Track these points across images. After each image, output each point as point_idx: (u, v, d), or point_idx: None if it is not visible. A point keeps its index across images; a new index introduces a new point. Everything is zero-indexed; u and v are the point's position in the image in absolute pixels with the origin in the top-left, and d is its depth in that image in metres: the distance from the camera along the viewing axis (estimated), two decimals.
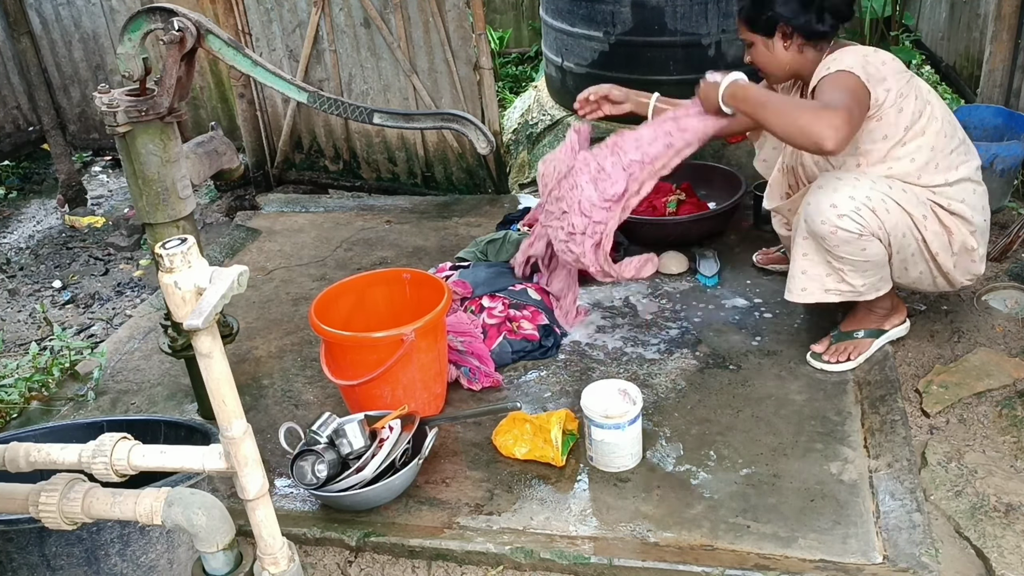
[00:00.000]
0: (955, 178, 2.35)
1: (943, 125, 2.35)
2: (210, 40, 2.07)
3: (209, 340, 1.37)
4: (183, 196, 2.20)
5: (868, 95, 2.24)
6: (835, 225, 2.26)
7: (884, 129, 2.31)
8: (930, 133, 2.32)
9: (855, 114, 2.16)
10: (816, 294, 2.42)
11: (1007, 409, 2.31)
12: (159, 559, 1.81)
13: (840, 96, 2.19)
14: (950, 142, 2.36)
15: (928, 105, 2.34)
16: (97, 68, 4.64)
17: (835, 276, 2.38)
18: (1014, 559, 1.89)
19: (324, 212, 3.94)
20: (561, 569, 1.99)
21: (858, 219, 2.25)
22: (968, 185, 2.38)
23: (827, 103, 2.17)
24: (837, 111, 2.12)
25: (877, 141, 2.32)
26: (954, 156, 2.37)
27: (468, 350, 2.63)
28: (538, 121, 4.32)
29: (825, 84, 2.26)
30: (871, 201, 2.25)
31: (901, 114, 2.30)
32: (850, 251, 2.30)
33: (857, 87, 2.22)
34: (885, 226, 2.27)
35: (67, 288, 3.91)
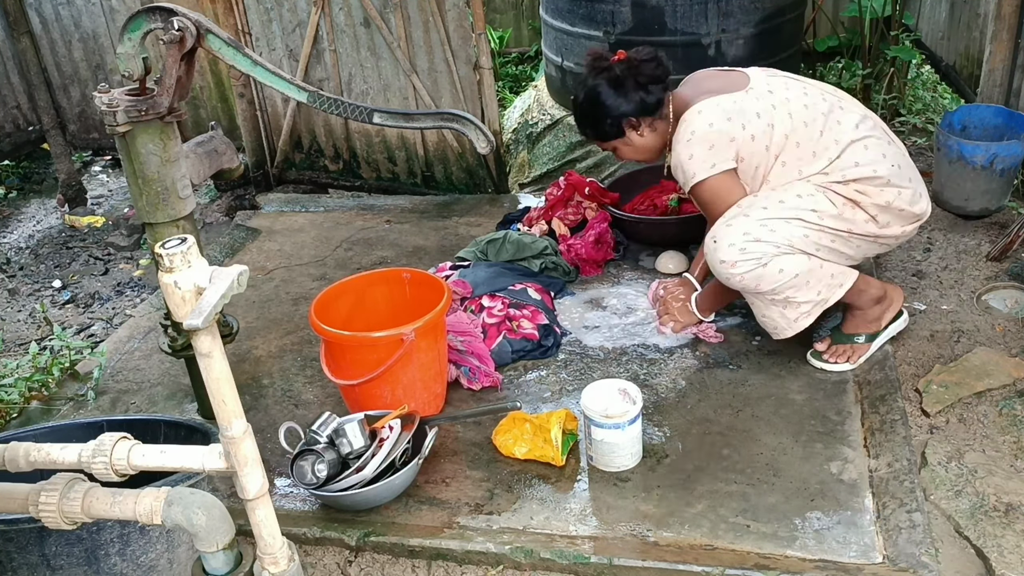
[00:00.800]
0: (838, 151, 2.38)
1: (796, 120, 2.40)
2: (210, 40, 2.07)
3: (209, 340, 1.37)
4: (183, 196, 2.20)
5: (724, 177, 2.41)
6: (739, 275, 2.35)
7: (753, 162, 2.42)
8: (791, 133, 2.38)
9: (727, 208, 2.40)
10: (788, 329, 2.48)
11: (1007, 409, 2.31)
12: (159, 559, 1.81)
13: (716, 219, 2.42)
14: (815, 126, 2.39)
15: (772, 111, 2.40)
16: (97, 68, 4.64)
17: (790, 307, 2.43)
18: (1014, 559, 1.89)
19: (324, 212, 3.94)
20: (561, 569, 1.99)
21: (749, 256, 2.32)
22: (854, 147, 2.38)
23: (715, 239, 2.39)
24: (720, 243, 2.36)
25: (754, 174, 2.43)
26: (826, 135, 2.39)
27: (468, 350, 2.63)
28: (538, 121, 4.32)
29: (704, 207, 2.49)
30: (750, 234, 2.32)
31: (755, 141, 2.39)
32: (772, 282, 2.35)
33: (715, 192, 2.43)
34: (781, 242, 2.32)
35: (67, 288, 3.91)
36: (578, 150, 4.08)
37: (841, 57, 4.88)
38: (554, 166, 4.13)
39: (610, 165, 3.93)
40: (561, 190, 3.39)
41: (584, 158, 4.05)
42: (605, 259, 3.18)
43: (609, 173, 3.88)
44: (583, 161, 4.05)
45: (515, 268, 3.05)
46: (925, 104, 4.55)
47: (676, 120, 2.50)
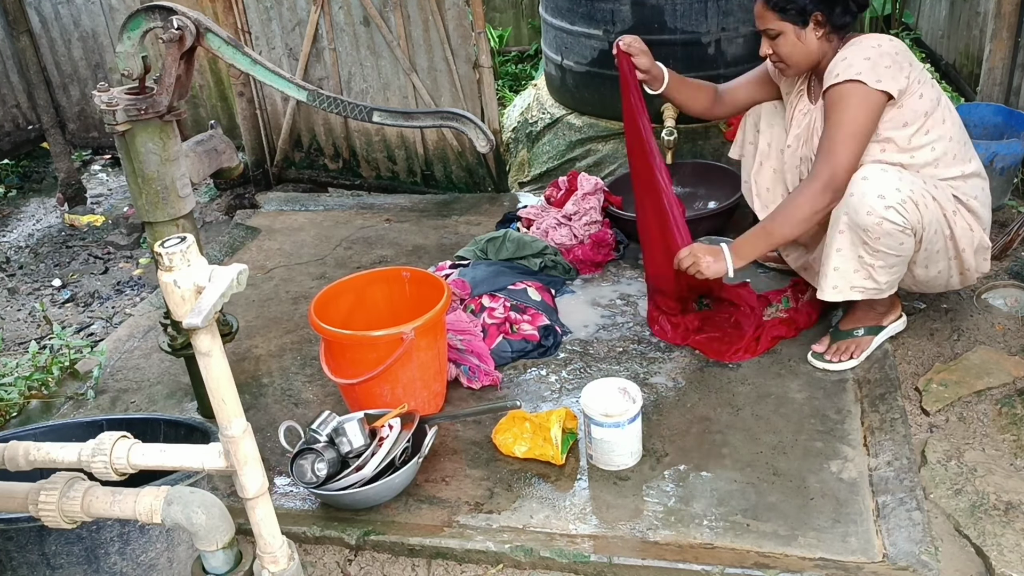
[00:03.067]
0: (970, 171, 2.38)
1: (953, 117, 2.39)
2: (209, 38, 2.07)
3: (208, 339, 1.37)
4: (182, 195, 2.20)
5: (877, 99, 2.27)
6: (882, 216, 2.23)
7: (904, 116, 2.32)
8: (949, 123, 2.36)
9: (852, 149, 2.28)
10: (845, 292, 2.39)
11: (1007, 407, 2.31)
12: (159, 557, 1.81)
13: (832, 144, 2.30)
14: (963, 133, 2.40)
15: (942, 95, 2.38)
16: (96, 67, 4.64)
17: (863, 272, 2.35)
18: (1014, 557, 1.89)
19: (324, 210, 3.94)
20: (561, 567, 1.99)
21: (903, 212, 2.24)
22: (979, 181, 2.41)
23: (818, 174, 2.31)
24: (828, 179, 2.29)
25: (899, 128, 2.33)
26: (968, 148, 2.40)
27: (468, 348, 2.63)
28: (538, 119, 4.32)
29: (829, 108, 2.32)
30: (914, 194, 2.25)
31: (921, 100, 2.31)
32: (888, 244, 2.27)
33: (861, 102, 2.27)
34: (923, 220, 2.27)
35: (67, 287, 3.91)
36: (578, 149, 4.08)
37: None
38: (554, 165, 4.13)
39: (609, 164, 3.93)
40: (561, 191, 3.38)
41: (584, 157, 4.05)
42: (605, 260, 3.18)
43: (609, 172, 3.88)
44: (583, 160, 4.04)
45: (515, 267, 3.05)
46: None
47: None
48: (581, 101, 4.10)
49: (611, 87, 3.87)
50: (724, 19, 3.64)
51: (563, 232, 3.21)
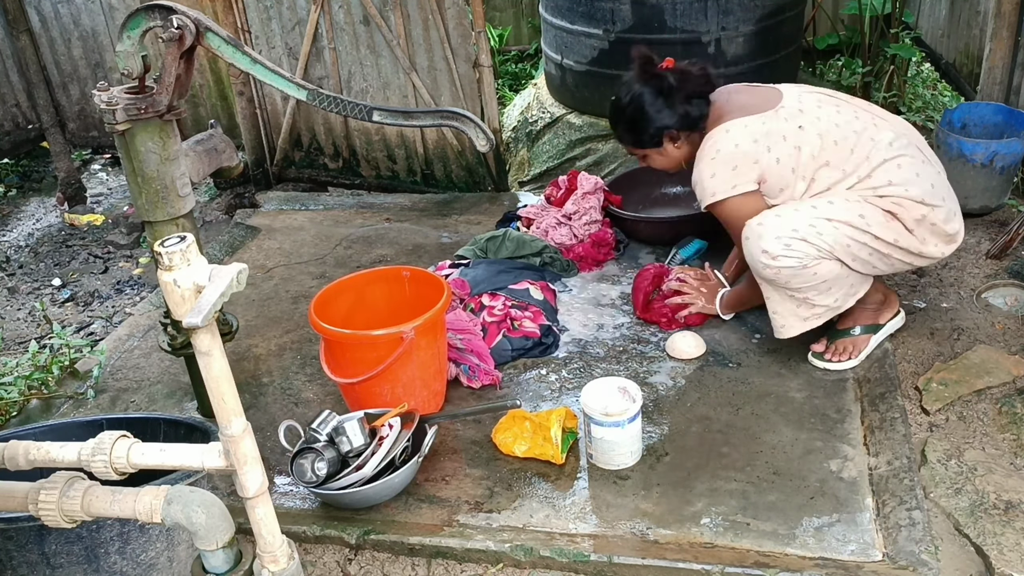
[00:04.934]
0: (868, 170, 2.36)
1: (826, 139, 2.37)
2: (209, 38, 2.07)
3: (208, 338, 1.37)
4: (182, 194, 2.20)
5: (746, 199, 2.42)
6: (776, 267, 2.33)
7: (777, 185, 2.40)
8: (818, 153, 2.37)
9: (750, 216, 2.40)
10: (796, 327, 2.47)
11: (1007, 407, 2.31)
12: (159, 557, 1.81)
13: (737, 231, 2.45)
14: (845, 144, 2.37)
15: (800, 132, 2.38)
16: (96, 66, 4.64)
17: (804, 306, 2.42)
18: (1014, 556, 1.89)
19: (324, 210, 3.94)
20: (561, 567, 1.99)
21: (793, 253, 2.30)
22: (887, 165, 2.36)
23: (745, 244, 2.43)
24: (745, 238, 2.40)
25: (778, 196, 2.42)
26: (856, 154, 2.37)
27: (468, 348, 2.63)
28: (538, 119, 4.32)
29: (723, 223, 2.52)
30: (798, 231, 2.30)
31: (780, 164, 2.38)
32: (803, 281, 2.34)
33: (734, 211, 2.44)
34: (824, 247, 2.30)
35: (67, 286, 3.91)
36: (577, 148, 4.08)
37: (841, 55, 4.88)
38: (554, 164, 4.13)
39: (609, 163, 3.93)
40: (562, 190, 3.38)
41: (584, 156, 4.05)
42: (606, 259, 3.18)
43: (609, 171, 3.88)
44: (583, 159, 4.04)
45: (515, 265, 3.05)
46: (925, 102, 4.55)
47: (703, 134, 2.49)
48: (581, 100, 4.10)
49: (611, 86, 3.87)
50: (724, 18, 3.64)
51: (563, 231, 3.21)
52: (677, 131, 2.51)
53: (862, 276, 2.43)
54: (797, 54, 4.17)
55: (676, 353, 2.67)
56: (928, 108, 4.48)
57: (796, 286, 2.36)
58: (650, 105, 2.48)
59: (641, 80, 2.50)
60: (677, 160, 2.60)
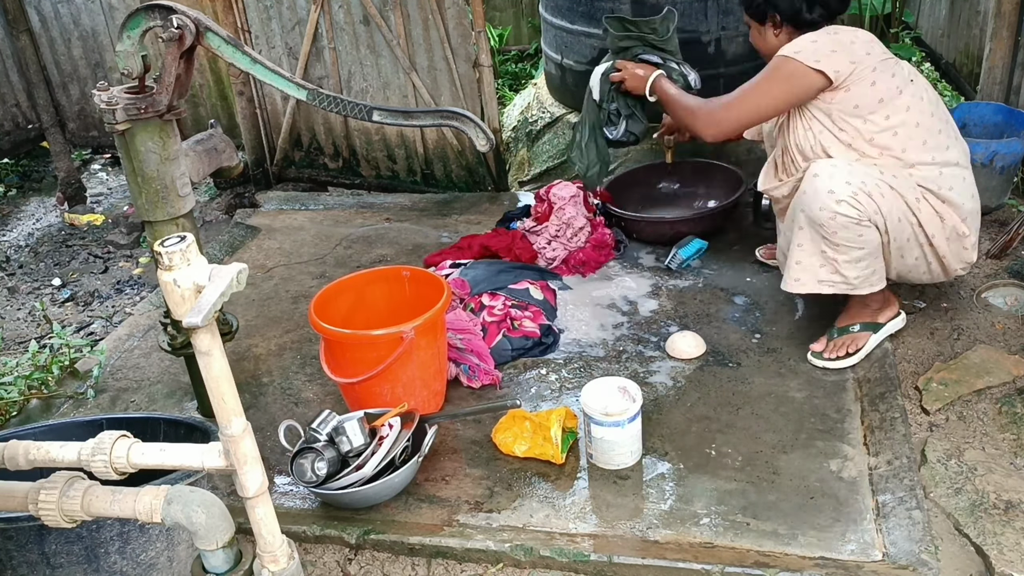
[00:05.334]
0: (943, 159, 2.39)
1: (929, 105, 2.41)
2: (209, 38, 2.07)
3: (208, 338, 1.37)
4: (182, 194, 2.20)
5: (809, 78, 2.36)
6: (833, 211, 2.29)
7: (853, 99, 2.37)
8: (915, 110, 2.38)
9: (751, 103, 2.48)
10: (809, 284, 2.44)
11: (1007, 406, 2.31)
12: (159, 557, 1.81)
13: (745, 90, 2.51)
14: (937, 122, 2.41)
15: (911, 84, 2.41)
16: (96, 66, 4.64)
17: (829, 267, 2.40)
18: (1014, 556, 1.89)
19: (324, 210, 3.94)
20: (561, 567, 1.99)
21: (856, 204, 2.28)
22: (956, 171, 2.41)
23: (720, 101, 2.56)
24: (719, 110, 2.56)
25: (849, 112, 2.38)
26: (942, 136, 2.41)
27: (468, 348, 2.63)
28: (538, 119, 4.32)
29: (761, 77, 2.48)
30: (867, 185, 2.29)
31: (873, 87, 2.36)
32: (847, 237, 2.32)
33: (783, 75, 2.41)
34: (882, 210, 2.30)
35: (67, 286, 3.91)
36: None
37: None
38: (553, 164, 4.13)
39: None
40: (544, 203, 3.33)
41: None
42: (607, 260, 3.18)
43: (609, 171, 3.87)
44: None
45: (515, 265, 3.05)
46: None
47: None
48: (581, 100, 4.09)
49: None
50: (724, 18, 3.64)
51: (555, 247, 3.20)
52: (782, 19, 2.49)
53: (883, 268, 2.43)
54: None
55: (676, 353, 2.67)
56: None
57: (838, 241, 2.33)
58: None
59: None
60: (768, 48, 2.55)
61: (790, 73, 2.39)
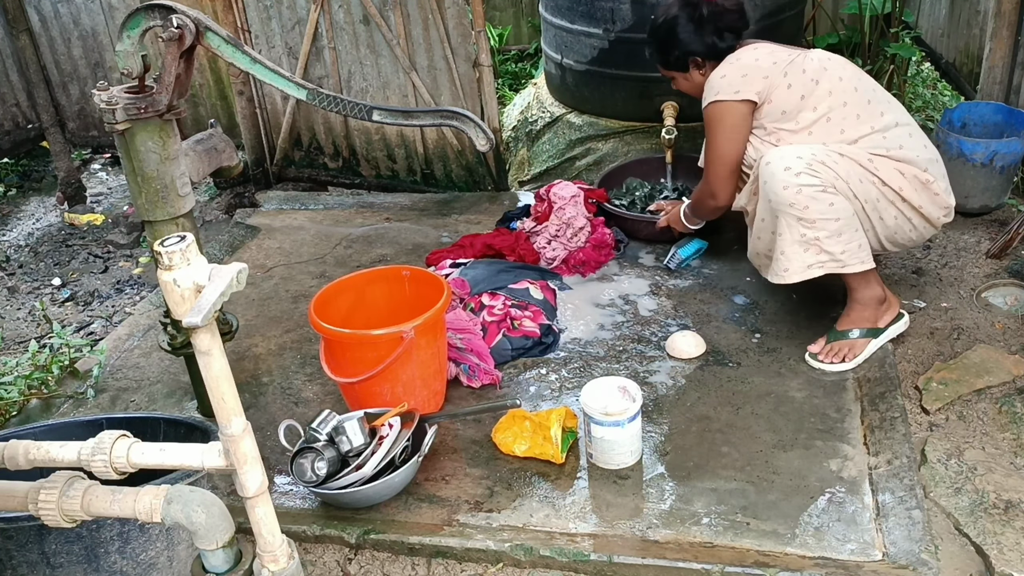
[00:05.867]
0: (881, 124, 2.47)
1: (850, 82, 2.51)
2: (209, 37, 2.07)
3: (208, 337, 1.37)
4: (182, 193, 2.20)
5: (740, 109, 2.55)
6: (796, 184, 2.36)
7: (779, 107, 2.52)
8: (837, 91, 2.50)
9: (719, 157, 2.63)
10: (798, 272, 2.43)
11: (1007, 406, 2.31)
12: (159, 556, 1.81)
13: (707, 153, 2.68)
14: (864, 94, 2.51)
15: (826, 71, 2.51)
16: (96, 65, 4.64)
17: (813, 248, 2.41)
18: (1013, 556, 1.89)
19: (324, 209, 3.94)
20: (561, 566, 1.99)
21: (814, 173, 2.36)
22: (899, 130, 2.49)
23: (703, 177, 2.74)
24: (706, 183, 2.72)
25: (779, 119, 2.53)
26: (873, 105, 2.50)
27: (467, 347, 2.63)
28: (537, 118, 4.32)
29: (705, 126, 2.65)
30: (817, 156, 2.39)
31: (790, 90, 2.50)
32: (819, 210, 2.36)
33: (720, 120, 2.58)
34: (840, 175, 2.38)
35: (66, 286, 3.91)
36: (577, 148, 4.08)
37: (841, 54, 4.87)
38: (553, 164, 4.13)
39: (609, 163, 3.92)
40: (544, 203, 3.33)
41: (583, 156, 4.04)
42: (607, 260, 3.18)
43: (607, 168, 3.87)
44: (583, 159, 4.04)
45: (515, 265, 3.05)
46: (925, 101, 4.55)
47: None
48: (581, 100, 4.10)
49: (611, 86, 3.88)
50: None
51: (555, 247, 3.19)
52: (703, 59, 2.66)
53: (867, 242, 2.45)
54: None
55: (676, 353, 2.67)
56: (928, 107, 4.48)
57: (812, 217, 2.35)
58: (682, 29, 2.65)
59: (679, 4, 2.67)
60: (700, 86, 2.69)
61: (722, 115, 2.56)
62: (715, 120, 2.59)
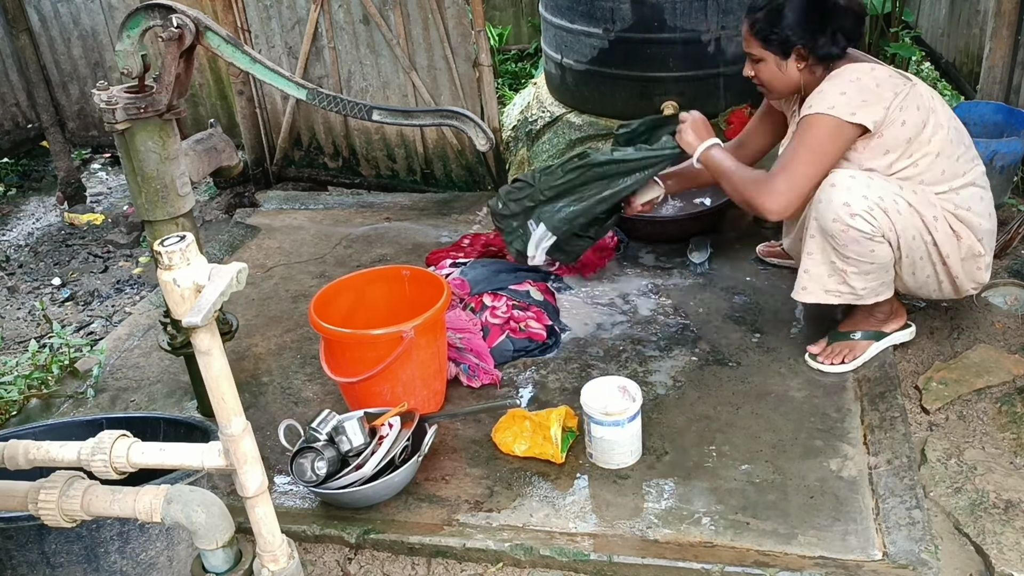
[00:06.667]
0: (961, 183, 2.35)
1: (949, 132, 2.35)
2: (209, 37, 2.07)
3: (208, 337, 1.37)
4: (182, 193, 2.20)
5: (848, 131, 2.28)
6: (847, 224, 2.25)
7: (885, 144, 2.31)
8: (936, 141, 2.31)
9: (804, 172, 2.31)
10: (816, 294, 2.42)
11: (1006, 406, 2.31)
12: (158, 556, 1.81)
13: (792, 157, 2.33)
14: (956, 148, 2.36)
15: (932, 114, 2.33)
16: (96, 65, 4.64)
17: (837, 277, 2.37)
18: (1013, 555, 1.89)
19: (323, 209, 3.94)
20: (561, 566, 1.99)
21: (870, 219, 2.24)
22: (975, 191, 2.38)
23: (773, 174, 2.36)
24: (776, 182, 2.33)
25: (878, 157, 2.32)
26: (961, 162, 2.36)
27: (467, 347, 2.63)
28: (537, 118, 4.32)
29: (795, 136, 2.37)
30: (883, 201, 2.25)
31: (903, 127, 2.29)
32: (858, 251, 2.29)
33: (830, 131, 2.28)
34: (896, 227, 2.26)
35: (66, 285, 3.91)
36: (577, 147, 4.07)
37: None
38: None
39: None
40: None
41: None
42: (608, 260, 3.18)
43: None
44: None
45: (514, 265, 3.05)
46: None
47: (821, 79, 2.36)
48: (581, 99, 4.10)
49: (611, 85, 3.88)
50: (724, 17, 3.64)
51: None
52: (810, 52, 2.34)
53: (892, 281, 2.40)
54: None
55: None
56: None
57: (849, 254, 2.30)
58: (805, 10, 2.32)
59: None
60: (788, 82, 2.43)
61: (828, 130, 2.28)
62: (816, 132, 2.29)
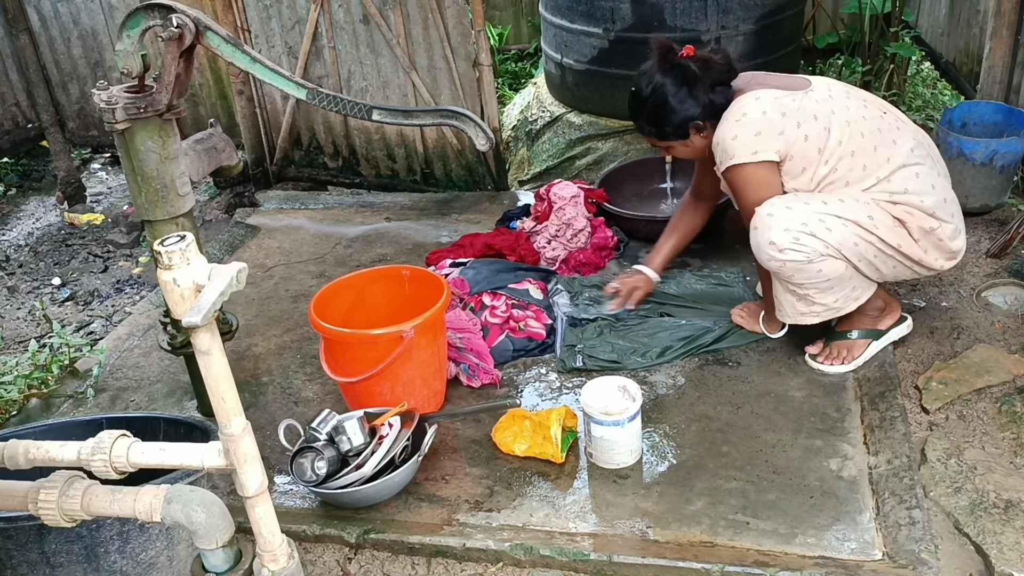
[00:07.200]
0: (888, 171, 2.32)
1: (854, 126, 2.33)
2: (208, 37, 2.07)
3: (208, 337, 1.37)
4: (182, 193, 2.20)
5: (764, 168, 2.33)
6: (781, 260, 2.30)
7: (799, 163, 2.33)
8: (845, 141, 2.31)
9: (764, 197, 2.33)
10: (793, 317, 2.47)
11: (1006, 405, 2.31)
12: (158, 556, 1.81)
13: (743, 204, 2.40)
14: (870, 139, 2.33)
15: (832, 116, 2.33)
16: (96, 65, 4.64)
17: (804, 302, 2.41)
18: (1013, 555, 1.89)
19: (323, 209, 3.94)
20: (560, 566, 1.99)
21: (799, 247, 2.26)
22: (906, 171, 2.33)
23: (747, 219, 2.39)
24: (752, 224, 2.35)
25: (798, 176, 2.35)
26: (880, 151, 2.33)
27: (467, 347, 2.63)
28: (537, 118, 4.32)
29: (729, 187, 2.45)
30: (807, 226, 2.26)
31: (808, 141, 2.31)
32: (806, 276, 2.32)
33: (750, 178, 2.35)
34: (831, 243, 2.27)
35: (66, 285, 3.91)
36: (577, 147, 4.08)
37: (841, 54, 4.88)
38: (553, 163, 4.13)
39: (609, 162, 3.92)
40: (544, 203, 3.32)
41: (583, 155, 4.05)
42: (608, 260, 3.17)
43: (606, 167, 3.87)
44: (583, 159, 4.04)
45: (514, 265, 3.05)
46: (925, 101, 4.55)
47: None
48: (581, 99, 4.10)
49: (611, 85, 3.88)
50: (724, 17, 3.64)
51: (555, 247, 3.19)
52: (703, 121, 2.42)
53: (866, 281, 2.40)
54: (797, 53, 4.17)
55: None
56: (928, 107, 4.48)
57: (799, 281, 2.34)
58: (673, 96, 2.40)
59: (662, 70, 2.42)
60: (703, 149, 2.50)
61: (747, 176, 2.35)
62: (741, 182, 2.37)
